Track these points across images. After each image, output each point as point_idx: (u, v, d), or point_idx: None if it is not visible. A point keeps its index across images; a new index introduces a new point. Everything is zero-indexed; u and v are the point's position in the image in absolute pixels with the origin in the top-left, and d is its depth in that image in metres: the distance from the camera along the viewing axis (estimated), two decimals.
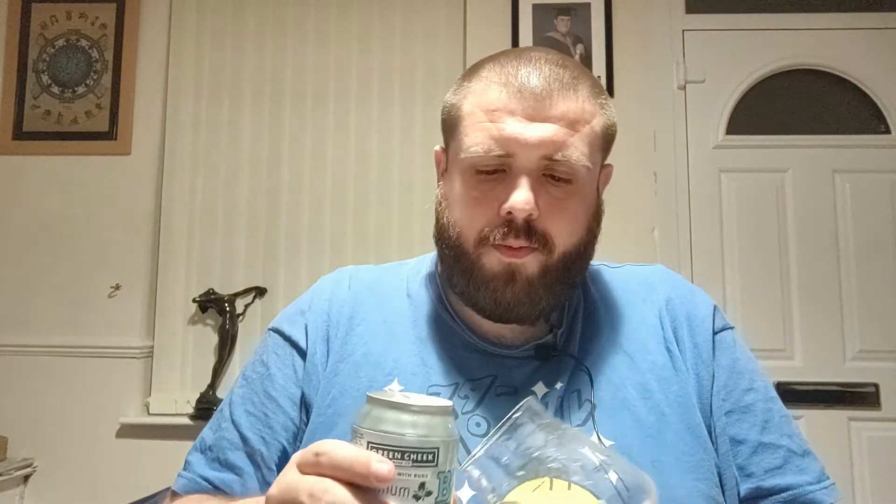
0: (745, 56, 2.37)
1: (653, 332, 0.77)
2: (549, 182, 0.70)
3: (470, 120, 0.71)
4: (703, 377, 0.74)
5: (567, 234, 0.71)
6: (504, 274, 0.70)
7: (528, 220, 0.68)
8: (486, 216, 0.70)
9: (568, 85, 0.70)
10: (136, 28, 2.45)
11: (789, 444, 0.73)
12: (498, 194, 0.69)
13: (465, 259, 0.71)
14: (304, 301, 0.82)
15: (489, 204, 0.70)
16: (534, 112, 0.68)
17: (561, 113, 0.68)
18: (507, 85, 0.70)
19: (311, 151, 2.40)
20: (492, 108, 0.69)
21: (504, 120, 0.68)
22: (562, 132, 0.68)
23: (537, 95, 0.68)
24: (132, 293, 2.35)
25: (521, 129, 0.68)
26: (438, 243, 0.76)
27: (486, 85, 0.71)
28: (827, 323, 2.24)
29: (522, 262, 0.69)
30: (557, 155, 0.68)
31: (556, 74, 0.70)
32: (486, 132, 0.69)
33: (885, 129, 2.33)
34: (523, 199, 0.67)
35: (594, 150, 0.72)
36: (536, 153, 0.68)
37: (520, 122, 0.68)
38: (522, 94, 0.68)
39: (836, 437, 2.18)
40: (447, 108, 0.77)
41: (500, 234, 0.69)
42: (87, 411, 2.27)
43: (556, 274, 0.70)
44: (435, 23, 2.43)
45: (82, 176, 2.40)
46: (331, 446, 0.42)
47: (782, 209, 2.31)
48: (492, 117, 0.69)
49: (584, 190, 0.72)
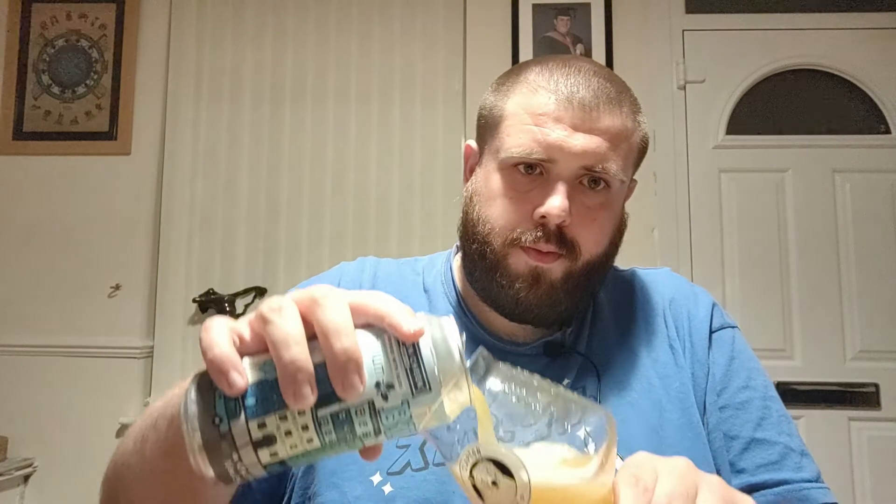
0: (745, 56, 2.37)
1: (657, 330, 0.78)
2: (583, 191, 0.72)
3: (514, 120, 0.73)
4: (698, 375, 0.76)
5: (594, 244, 0.72)
6: (529, 276, 0.71)
7: (560, 226, 0.70)
8: (519, 217, 0.71)
9: (614, 100, 0.72)
10: (136, 28, 2.45)
11: (787, 442, 0.73)
12: (533, 197, 0.71)
13: (491, 256, 0.72)
14: (332, 278, 0.82)
15: (524, 206, 0.71)
16: (580, 122, 0.70)
17: (605, 126, 0.70)
18: (555, 92, 0.71)
19: (311, 151, 2.40)
20: (538, 113, 0.71)
21: (549, 126, 0.70)
22: (604, 145, 0.70)
23: (585, 106, 0.70)
24: (132, 293, 2.35)
25: (566, 138, 0.69)
26: (464, 237, 0.77)
27: (534, 89, 0.73)
28: (827, 323, 2.24)
29: (549, 267, 0.71)
30: (597, 167, 0.70)
31: (604, 88, 0.72)
32: (530, 135, 0.71)
33: (885, 129, 2.33)
34: (559, 206, 0.69)
35: (628, 165, 0.74)
36: (578, 162, 0.70)
37: (565, 130, 0.70)
38: (571, 104, 0.70)
39: (836, 437, 2.17)
40: (488, 106, 0.78)
41: (532, 237, 0.70)
42: (87, 411, 2.27)
43: (578, 280, 0.72)
44: (435, 23, 2.43)
45: (82, 176, 2.40)
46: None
47: (782, 209, 2.31)
48: (537, 121, 0.71)
49: (614, 202, 0.74)
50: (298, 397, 0.38)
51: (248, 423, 0.39)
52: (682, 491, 0.41)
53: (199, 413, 0.39)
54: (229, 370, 0.39)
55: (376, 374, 0.39)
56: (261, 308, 0.41)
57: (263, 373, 0.40)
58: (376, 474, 0.67)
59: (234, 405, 0.39)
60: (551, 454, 0.40)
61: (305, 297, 0.41)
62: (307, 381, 0.38)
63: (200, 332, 0.41)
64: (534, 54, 2.34)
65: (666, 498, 0.40)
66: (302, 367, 0.38)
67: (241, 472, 0.40)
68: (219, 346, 0.40)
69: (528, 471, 0.39)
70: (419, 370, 0.40)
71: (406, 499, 0.65)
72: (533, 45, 2.36)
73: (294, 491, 0.71)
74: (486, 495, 0.40)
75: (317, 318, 0.40)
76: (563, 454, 0.41)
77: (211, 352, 0.39)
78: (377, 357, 0.40)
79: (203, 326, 0.41)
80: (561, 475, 0.40)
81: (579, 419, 0.42)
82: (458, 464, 0.41)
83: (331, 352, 0.39)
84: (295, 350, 0.38)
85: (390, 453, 0.68)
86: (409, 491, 0.66)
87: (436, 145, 2.37)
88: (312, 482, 0.70)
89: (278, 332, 0.39)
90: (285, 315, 0.40)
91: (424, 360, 0.40)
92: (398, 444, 0.68)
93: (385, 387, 0.39)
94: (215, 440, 0.39)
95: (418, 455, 0.68)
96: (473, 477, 0.41)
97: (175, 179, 2.40)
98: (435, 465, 0.67)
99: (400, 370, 0.40)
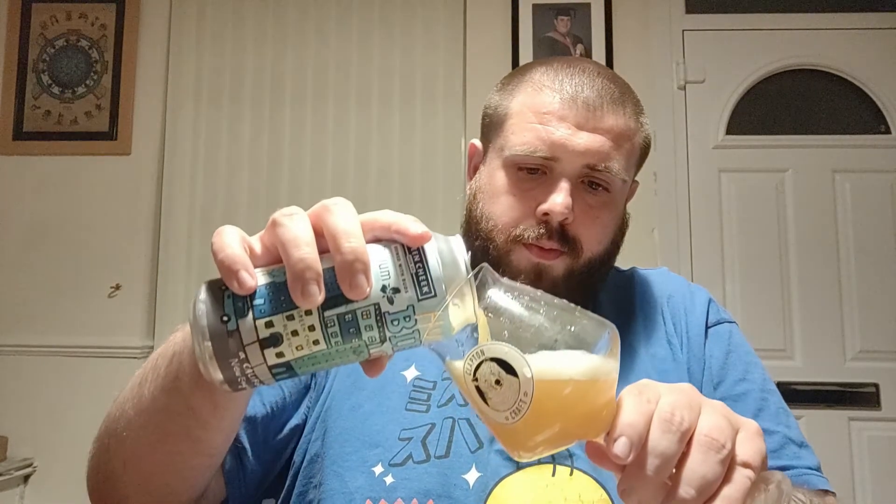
0: (745, 56, 2.37)
1: (656, 327, 0.79)
2: (585, 190, 0.73)
3: (518, 119, 0.74)
4: (694, 369, 0.76)
5: (596, 242, 0.73)
6: (531, 272, 0.72)
7: (563, 223, 0.71)
8: (521, 214, 0.72)
9: (617, 100, 0.73)
10: (136, 28, 2.45)
11: (786, 432, 0.73)
12: (536, 195, 0.72)
13: (494, 252, 0.73)
14: None
15: (527, 203, 0.72)
16: (584, 121, 0.71)
17: (609, 126, 0.71)
18: (560, 91, 0.72)
19: (311, 151, 2.39)
20: (543, 111, 0.72)
21: (554, 124, 0.71)
22: (608, 144, 0.71)
23: (589, 106, 0.71)
24: (132, 293, 2.35)
25: (570, 136, 0.70)
26: (467, 234, 0.77)
27: (539, 88, 0.73)
28: (827, 323, 2.24)
29: (551, 263, 0.72)
30: (600, 165, 0.71)
31: (608, 89, 0.73)
32: (535, 133, 0.71)
33: (885, 129, 2.33)
34: (562, 204, 0.70)
35: (630, 166, 0.75)
36: (581, 161, 0.71)
37: (569, 128, 0.71)
38: (575, 103, 0.71)
39: (836, 437, 2.17)
40: (493, 105, 0.79)
41: (535, 233, 0.71)
42: (87, 411, 2.26)
43: (579, 278, 0.73)
44: (435, 23, 2.43)
45: (82, 176, 2.40)
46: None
47: (782, 209, 2.31)
48: (541, 119, 0.72)
49: (616, 201, 0.75)
50: (306, 294, 0.39)
51: (255, 322, 0.40)
52: (686, 403, 0.41)
53: (208, 312, 0.40)
54: (239, 269, 0.40)
55: (383, 279, 0.41)
56: (272, 216, 0.42)
57: (273, 277, 0.41)
58: (378, 465, 0.67)
59: (243, 304, 0.40)
60: (555, 356, 0.41)
61: (316, 206, 0.43)
62: (315, 279, 0.39)
63: (213, 237, 0.42)
64: (534, 54, 2.34)
65: (670, 407, 0.40)
66: (311, 264, 0.39)
67: (248, 373, 0.40)
68: (230, 247, 0.41)
69: (532, 367, 0.40)
70: (425, 275, 0.41)
71: (407, 490, 0.66)
72: (533, 45, 2.36)
73: (298, 479, 0.71)
74: (489, 396, 0.41)
75: (326, 223, 0.41)
76: (567, 357, 0.42)
77: (222, 252, 0.40)
78: (384, 263, 0.41)
79: (215, 232, 0.42)
80: (564, 372, 0.41)
81: (583, 327, 0.42)
82: (462, 369, 0.42)
83: (339, 252, 0.40)
84: (305, 249, 0.40)
85: (392, 445, 0.68)
86: (410, 482, 0.66)
87: (436, 145, 2.37)
88: (317, 471, 0.70)
89: (288, 233, 0.41)
90: (296, 219, 0.42)
91: (430, 267, 0.41)
92: (400, 436, 0.68)
93: (391, 290, 0.41)
94: (223, 337, 0.39)
95: (420, 448, 0.68)
96: (477, 379, 0.41)
97: (175, 179, 2.40)
98: (437, 458, 0.67)
99: (406, 275, 0.41)
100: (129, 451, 0.57)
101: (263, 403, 0.70)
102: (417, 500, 0.65)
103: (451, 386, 0.72)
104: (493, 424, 0.42)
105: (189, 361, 0.48)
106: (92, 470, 0.63)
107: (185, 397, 0.50)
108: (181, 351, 0.50)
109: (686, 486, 0.39)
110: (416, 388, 0.72)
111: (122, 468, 0.58)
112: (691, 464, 0.39)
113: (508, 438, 0.43)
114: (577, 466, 0.67)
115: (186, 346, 0.49)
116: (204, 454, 0.57)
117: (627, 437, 0.39)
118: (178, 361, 0.50)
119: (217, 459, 0.60)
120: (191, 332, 0.41)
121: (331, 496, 0.67)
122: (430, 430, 0.69)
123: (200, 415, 0.51)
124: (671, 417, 0.40)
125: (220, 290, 0.41)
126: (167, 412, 0.52)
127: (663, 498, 0.40)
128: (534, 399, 0.40)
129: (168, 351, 0.52)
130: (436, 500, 0.65)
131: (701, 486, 0.39)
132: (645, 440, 0.39)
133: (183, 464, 0.57)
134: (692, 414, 0.41)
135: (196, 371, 0.46)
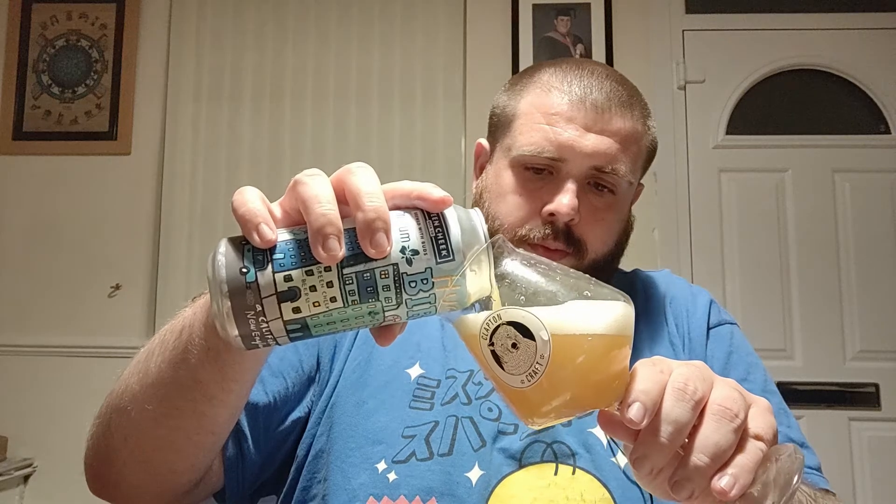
0: (744, 56, 2.37)
1: (658, 328, 0.79)
2: (591, 191, 0.73)
3: (526, 119, 0.74)
4: None
5: (601, 244, 0.74)
6: None
7: (568, 224, 0.71)
8: (528, 214, 0.73)
9: (625, 103, 0.73)
10: (136, 28, 2.45)
11: (787, 432, 0.73)
12: (543, 195, 0.72)
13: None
14: None
15: (533, 203, 0.72)
16: (592, 123, 0.71)
17: (617, 129, 0.72)
18: (569, 93, 0.72)
19: (311, 151, 2.40)
20: (551, 112, 0.72)
21: (562, 125, 0.71)
22: (615, 147, 0.71)
23: (597, 108, 0.71)
24: (132, 293, 2.35)
25: (578, 137, 0.71)
26: None
27: (547, 89, 0.74)
28: (827, 323, 2.24)
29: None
30: (607, 167, 0.71)
31: (617, 91, 0.73)
32: (542, 133, 0.72)
33: (885, 129, 2.33)
34: (568, 205, 0.70)
35: (636, 168, 0.75)
36: (588, 162, 0.71)
37: (577, 130, 0.71)
38: (583, 104, 0.71)
39: (836, 437, 2.17)
40: (500, 105, 0.79)
41: (540, 234, 0.72)
42: (88, 411, 2.25)
43: None
44: (435, 23, 2.43)
45: (82, 176, 2.40)
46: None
47: (782, 209, 2.31)
48: (550, 120, 0.72)
49: (621, 203, 0.76)
50: (327, 249, 0.39)
51: (274, 275, 0.40)
52: (699, 376, 0.41)
53: (227, 264, 0.40)
54: (260, 222, 0.40)
55: (402, 241, 0.41)
56: (294, 177, 0.43)
57: (294, 235, 0.41)
58: (381, 462, 0.67)
59: (263, 257, 0.40)
60: (571, 320, 0.41)
61: (339, 171, 0.43)
62: (336, 234, 0.39)
63: (233, 196, 0.42)
64: (534, 54, 2.34)
65: (683, 378, 0.41)
66: (332, 220, 0.40)
67: (263, 328, 0.40)
68: (251, 202, 0.41)
69: (549, 330, 0.40)
70: (444, 240, 0.41)
71: (410, 487, 0.66)
72: (533, 45, 2.36)
73: (302, 474, 0.71)
74: (505, 360, 0.41)
75: (348, 184, 0.42)
76: (584, 320, 0.42)
77: (243, 207, 0.41)
78: (404, 227, 0.42)
79: (236, 192, 0.43)
80: (580, 337, 0.41)
81: (600, 295, 0.43)
82: (479, 334, 0.42)
83: (360, 210, 0.40)
84: (326, 206, 0.40)
85: (396, 442, 0.68)
86: (413, 479, 0.66)
87: (436, 145, 2.37)
88: (322, 466, 0.70)
89: (310, 191, 0.41)
90: (318, 179, 0.42)
91: (450, 232, 0.42)
92: (403, 434, 0.68)
93: (410, 252, 0.41)
94: (241, 289, 0.39)
95: (424, 445, 0.68)
96: (493, 344, 0.41)
97: (175, 179, 2.40)
98: (440, 456, 0.67)
99: (426, 238, 0.41)
100: (131, 425, 0.57)
101: (266, 392, 0.69)
102: (420, 497, 0.65)
103: (454, 384, 0.72)
104: (508, 390, 0.42)
105: (199, 333, 0.48)
106: (91, 448, 0.62)
107: (193, 370, 0.50)
108: (191, 324, 0.50)
109: (699, 454, 0.39)
110: (420, 385, 0.72)
111: (122, 443, 0.58)
112: (705, 430, 0.40)
113: (522, 404, 0.43)
114: (580, 466, 0.67)
115: (197, 319, 0.49)
116: (207, 431, 0.57)
117: (642, 403, 0.40)
118: (188, 334, 0.50)
119: (219, 439, 0.60)
120: (208, 286, 0.41)
121: (334, 492, 0.67)
122: (433, 427, 0.69)
123: (207, 388, 0.51)
124: (685, 387, 0.40)
125: (240, 245, 0.41)
126: (174, 385, 0.52)
127: (676, 466, 0.40)
128: (550, 361, 0.40)
129: (177, 325, 0.52)
130: (438, 498, 0.65)
131: (714, 454, 0.39)
132: (659, 407, 0.40)
133: (186, 440, 0.57)
134: (705, 385, 0.41)
135: (206, 342, 0.47)
